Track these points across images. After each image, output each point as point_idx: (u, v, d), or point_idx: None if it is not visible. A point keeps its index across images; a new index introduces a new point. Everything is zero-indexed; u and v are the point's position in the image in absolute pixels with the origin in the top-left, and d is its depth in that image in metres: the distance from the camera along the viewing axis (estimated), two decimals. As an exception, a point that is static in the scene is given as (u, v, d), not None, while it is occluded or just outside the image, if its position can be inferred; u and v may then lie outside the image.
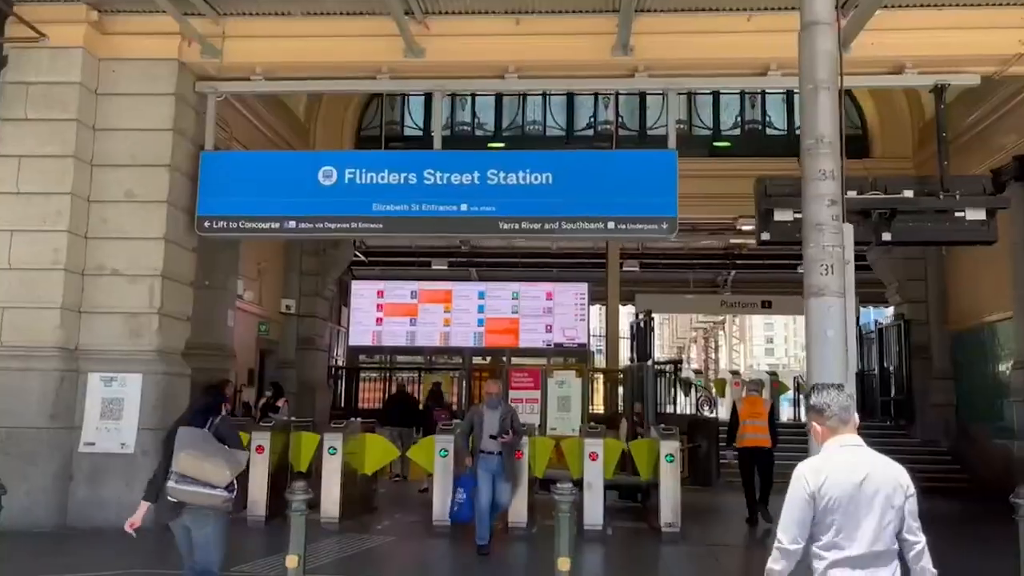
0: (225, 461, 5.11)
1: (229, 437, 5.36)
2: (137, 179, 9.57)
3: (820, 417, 3.15)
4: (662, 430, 9.46)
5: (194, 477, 5.05)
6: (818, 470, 3.03)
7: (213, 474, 5.04)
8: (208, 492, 5.06)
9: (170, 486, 5.13)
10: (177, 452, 5.11)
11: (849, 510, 2.95)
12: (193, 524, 5.15)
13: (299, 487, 5.78)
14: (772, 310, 22.05)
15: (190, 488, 5.06)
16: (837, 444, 3.09)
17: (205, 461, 5.05)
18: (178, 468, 5.09)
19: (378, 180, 9.77)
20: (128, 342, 9.37)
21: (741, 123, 17.29)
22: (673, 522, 8.94)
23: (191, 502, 5.09)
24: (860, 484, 2.96)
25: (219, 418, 5.42)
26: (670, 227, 9.48)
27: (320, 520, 9.31)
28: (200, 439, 5.18)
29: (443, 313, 19.85)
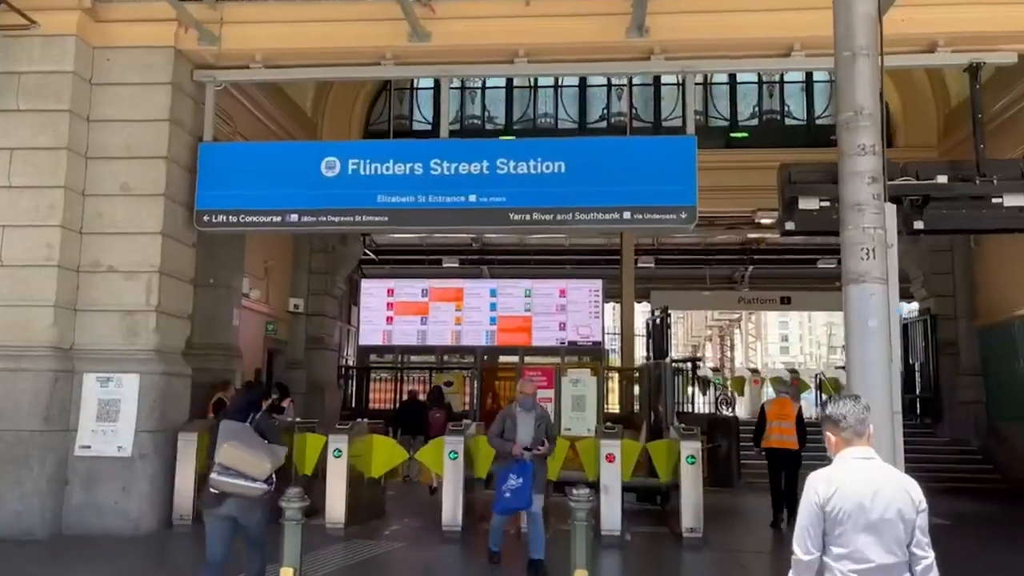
0: (265, 455, 5.37)
1: (269, 432, 5.64)
2: (133, 172, 9.20)
3: (835, 428, 3.15)
4: (682, 430, 9.01)
5: (236, 469, 5.30)
6: (829, 481, 3.04)
7: (253, 467, 5.30)
8: (248, 484, 5.31)
9: (212, 477, 5.38)
10: (219, 444, 5.38)
11: (859, 522, 2.96)
12: (239, 514, 5.40)
13: (294, 494, 5.37)
14: (791, 306, 21.50)
15: (232, 480, 5.30)
16: (850, 456, 3.10)
17: (246, 454, 5.31)
18: (220, 460, 5.35)
19: (383, 171, 9.37)
20: (125, 341, 9.01)
21: (759, 113, 16.80)
22: (695, 527, 8.48)
23: (233, 493, 5.32)
24: (871, 497, 2.97)
25: (259, 413, 5.70)
26: (689, 216, 9.03)
27: (325, 526, 8.93)
28: (241, 433, 5.45)
29: (454, 311, 19.47)
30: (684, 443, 8.66)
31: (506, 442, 7.35)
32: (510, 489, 7.16)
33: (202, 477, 9.11)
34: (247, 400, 5.94)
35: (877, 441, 4.68)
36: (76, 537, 8.48)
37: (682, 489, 8.57)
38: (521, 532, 8.76)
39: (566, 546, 8.49)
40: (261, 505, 5.48)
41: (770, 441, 10.07)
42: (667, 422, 11.48)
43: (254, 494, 5.34)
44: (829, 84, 16.78)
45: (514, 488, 7.13)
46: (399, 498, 11.39)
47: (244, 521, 5.45)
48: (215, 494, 5.38)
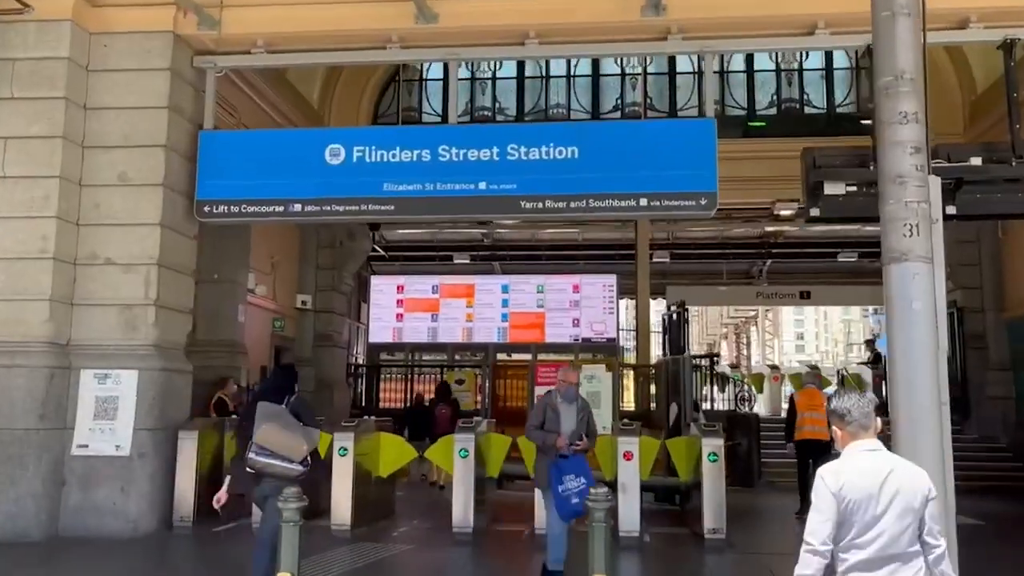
0: (301, 436, 5.46)
1: (304, 414, 5.71)
2: (131, 161, 8.89)
3: (841, 422, 3.19)
4: (703, 426, 8.61)
5: (272, 450, 5.39)
6: (837, 473, 3.07)
7: (290, 448, 5.40)
8: (284, 465, 5.40)
9: (250, 457, 5.44)
10: (257, 425, 5.43)
11: (868, 513, 2.99)
12: (273, 494, 5.32)
13: (292, 494, 5.00)
14: (811, 301, 21.04)
15: (268, 460, 5.39)
16: (857, 448, 3.14)
17: (283, 435, 5.40)
18: (258, 440, 5.42)
19: (389, 158, 9.02)
20: (123, 336, 8.69)
21: (777, 101, 16.35)
22: (718, 527, 8.08)
23: (269, 473, 5.41)
24: (878, 487, 3.00)
25: (295, 396, 5.78)
26: (709, 203, 8.63)
27: (330, 527, 8.58)
28: (278, 414, 5.52)
29: (465, 308, 19.05)
30: (706, 440, 8.26)
31: (548, 434, 6.50)
32: (574, 492, 6.28)
33: (203, 477, 8.84)
34: (283, 382, 5.98)
35: (923, 434, 4.32)
36: (73, 539, 8.17)
37: (704, 488, 8.17)
38: (534, 533, 8.39)
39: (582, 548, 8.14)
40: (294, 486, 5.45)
41: (803, 433, 9.87)
42: (686, 419, 11.07)
43: (290, 475, 5.40)
44: (850, 71, 16.34)
45: (578, 490, 6.25)
46: (409, 498, 11.05)
47: (272, 502, 5.36)
48: (251, 474, 5.47)
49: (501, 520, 9.51)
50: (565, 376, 6.78)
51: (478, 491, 8.61)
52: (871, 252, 20.65)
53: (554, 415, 6.58)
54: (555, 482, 6.33)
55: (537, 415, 6.71)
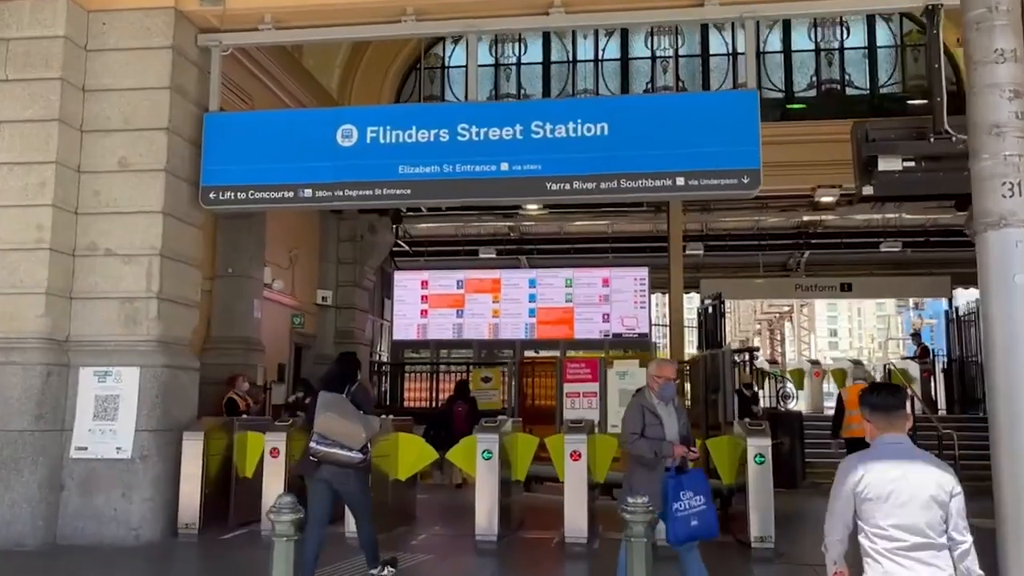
0: (360, 425, 5.70)
1: (364, 403, 5.94)
2: (131, 145, 8.37)
3: (869, 414, 3.26)
4: (748, 425, 7.89)
5: (332, 438, 5.66)
6: (860, 465, 3.15)
7: (349, 436, 5.65)
8: (345, 453, 5.68)
9: (311, 446, 5.76)
10: (319, 414, 5.74)
11: (891, 505, 3.03)
12: (335, 480, 5.78)
13: (285, 504, 4.40)
14: (852, 293, 20.12)
15: (329, 449, 5.67)
16: (882, 441, 3.20)
17: (343, 424, 5.66)
18: (319, 429, 5.73)
19: (405, 139, 8.41)
20: (124, 331, 8.17)
21: (817, 83, 15.53)
22: (765, 535, 7.38)
23: (330, 461, 5.70)
24: (901, 481, 3.05)
25: (355, 385, 5.98)
26: (752, 181, 7.91)
27: (344, 534, 7.98)
28: (338, 403, 5.78)
29: (491, 303, 18.45)
30: (751, 440, 7.54)
31: (661, 443, 5.38)
32: (692, 512, 5.26)
33: (209, 481, 8.29)
34: (342, 371, 6.13)
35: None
36: (71, 547, 7.67)
37: (750, 492, 7.46)
38: (564, 541, 7.75)
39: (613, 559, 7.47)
40: (356, 474, 5.85)
41: (852, 430, 9.45)
42: (727, 417, 10.35)
43: (351, 462, 5.68)
44: (895, 49, 15.48)
45: (697, 510, 5.27)
46: (431, 502, 10.45)
47: (338, 487, 5.83)
48: (313, 461, 5.76)
49: (528, 526, 8.86)
50: (660, 370, 5.65)
51: (503, 495, 7.98)
52: (915, 242, 19.74)
53: (655, 419, 5.49)
54: (671, 500, 5.26)
55: (635, 421, 5.49)
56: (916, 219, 19.12)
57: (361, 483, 5.96)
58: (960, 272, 18.77)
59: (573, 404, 11.77)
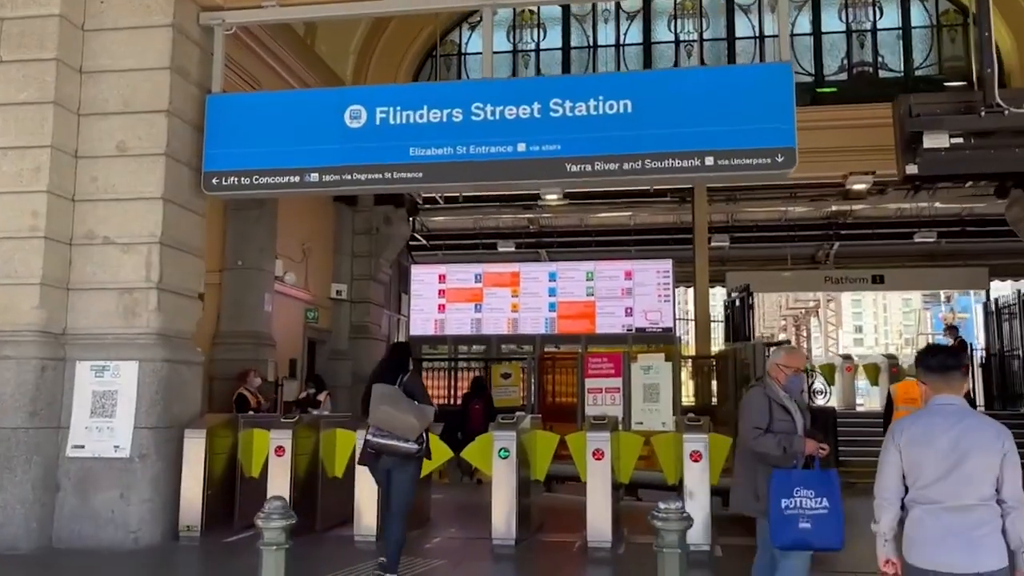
0: (413, 415, 5.74)
1: (417, 392, 5.97)
2: (130, 128, 7.96)
3: (923, 375, 3.20)
4: (784, 421, 7.34)
5: (387, 430, 5.74)
6: (908, 426, 3.11)
7: (403, 427, 5.72)
8: (401, 444, 5.75)
9: (368, 438, 5.86)
10: (373, 406, 5.80)
11: (940, 467, 2.96)
12: (394, 467, 5.87)
13: (275, 508, 3.96)
14: (884, 286, 19.44)
15: (385, 440, 5.75)
16: (934, 402, 3.13)
17: (396, 416, 5.72)
18: (373, 421, 5.82)
19: (416, 119, 7.95)
20: (122, 323, 7.77)
21: (848, 66, 14.91)
22: (803, 540, 6.84)
23: (388, 452, 5.80)
24: (947, 440, 2.98)
25: (408, 375, 6.02)
26: (787, 159, 7.38)
27: (354, 538, 7.58)
28: (392, 395, 5.83)
29: (510, 297, 17.92)
30: (787, 437, 6.99)
31: (792, 437, 4.66)
32: (806, 513, 4.41)
33: (213, 480, 7.89)
34: (396, 362, 6.16)
35: None
36: (67, 551, 7.28)
37: (786, 494, 6.92)
38: (587, 546, 7.26)
39: (643, 562, 6.98)
40: (412, 464, 5.89)
41: None
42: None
43: (406, 452, 5.75)
44: (930, 30, 14.83)
45: (815, 513, 4.42)
46: (448, 502, 10.01)
47: (395, 474, 5.87)
48: (372, 453, 5.86)
49: (548, 529, 8.39)
50: (789, 360, 4.92)
51: (521, 496, 7.51)
52: (950, 232, 19.06)
53: (785, 414, 4.76)
54: (778, 495, 4.46)
55: (760, 414, 4.73)
56: (951, 208, 18.45)
57: (414, 476, 6.01)
58: (999, 263, 18.07)
59: (595, 400, 11.29)
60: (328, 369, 14.93)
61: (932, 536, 2.98)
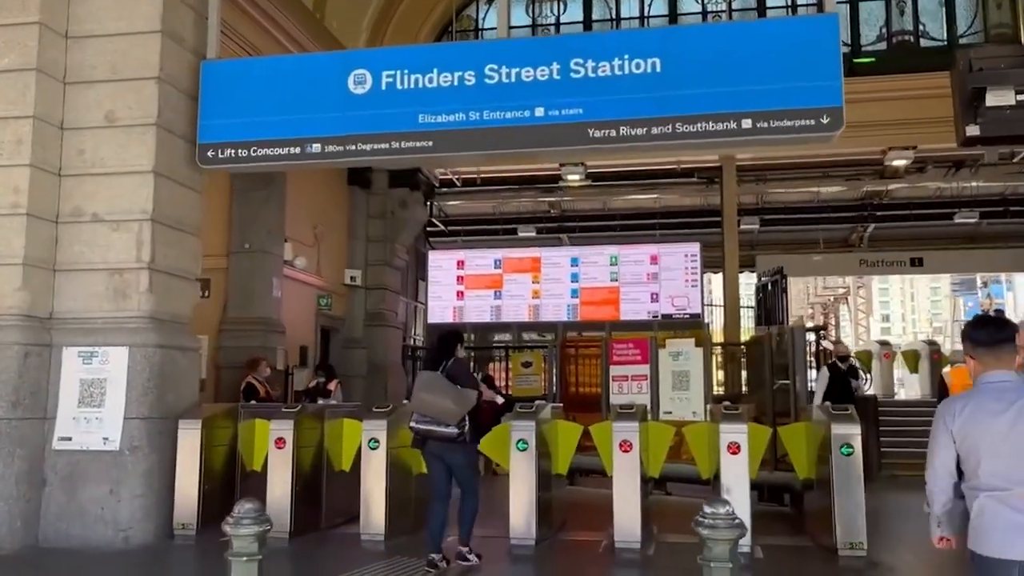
0: (451, 400, 5.73)
1: (459, 376, 5.94)
2: (119, 97, 7.41)
3: (972, 349, 2.96)
4: (831, 410, 6.66)
5: (428, 416, 5.78)
6: (958, 405, 2.90)
7: (441, 412, 5.74)
8: (440, 429, 5.76)
9: (411, 424, 5.95)
10: (414, 392, 5.97)
11: (993, 447, 2.76)
12: (443, 453, 5.93)
13: (246, 512, 3.39)
14: (923, 268, 18.59)
15: (427, 427, 5.80)
16: (985, 379, 2.89)
17: (433, 401, 5.75)
18: (413, 407, 5.97)
19: (425, 83, 7.32)
20: (112, 306, 7.23)
21: (887, 35, 14.13)
22: (856, 541, 6.18)
23: (432, 437, 5.85)
24: (1004, 422, 2.75)
25: (452, 360, 5.98)
26: (833, 121, 6.67)
27: (360, 536, 6.99)
28: (431, 381, 5.87)
29: (531, 284, 17.23)
30: (837, 427, 6.32)
31: None
32: None
33: (211, 475, 7.35)
34: (440, 348, 6.14)
35: None
36: (55, 551, 6.76)
37: (835, 489, 6.25)
38: (614, 545, 6.64)
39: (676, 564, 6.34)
40: (461, 448, 5.88)
41: None
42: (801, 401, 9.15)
43: (449, 437, 5.75)
44: (977, -6, 13.98)
45: None
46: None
47: (448, 460, 5.92)
48: (418, 438, 5.96)
49: (571, 527, 7.77)
50: None
51: (541, 491, 6.89)
52: (992, 212, 18.18)
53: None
54: None
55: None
56: (993, 187, 17.58)
57: (467, 456, 6.02)
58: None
59: (620, 388, 10.65)
60: (343, 358, 14.40)
61: (1000, 524, 2.72)
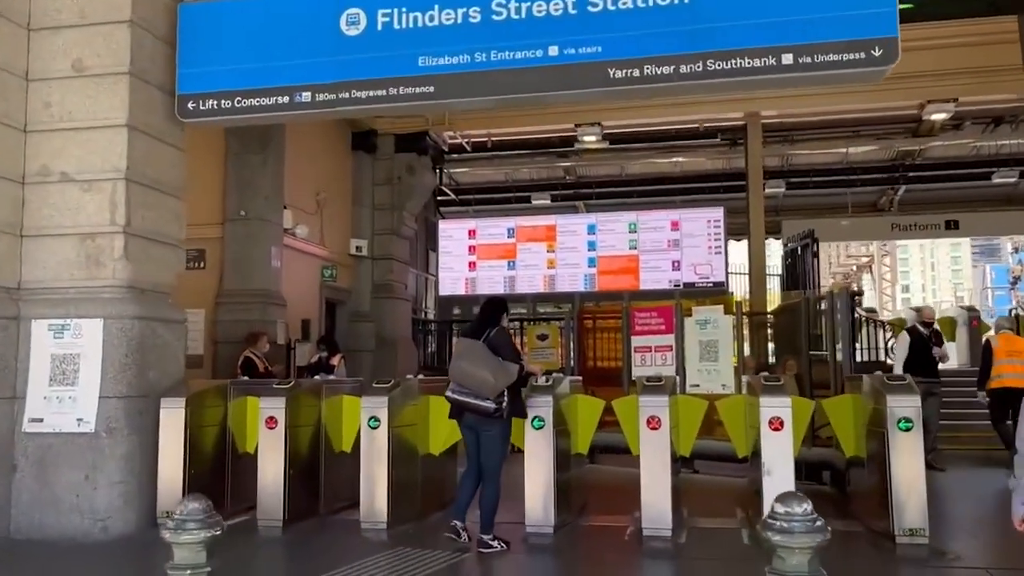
0: (490, 372, 5.45)
1: (502, 347, 5.61)
2: (87, 43, 6.71)
3: None
4: (886, 380, 5.91)
5: (466, 387, 5.54)
6: None
7: (478, 384, 5.48)
8: (478, 403, 5.51)
9: (447, 394, 5.72)
10: (453, 361, 5.78)
11: None
12: (478, 426, 5.67)
13: (191, 513, 2.77)
14: (959, 231, 17.70)
15: (463, 398, 5.57)
16: None
17: (471, 372, 5.50)
18: (451, 376, 5.69)
19: (426, 22, 6.58)
20: (83, 274, 6.58)
21: (926, -22, 13.11)
22: (916, 527, 5.47)
23: (468, 409, 5.61)
24: None
25: (495, 329, 5.69)
26: (887, 53, 5.89)
27: (360, 524, 6.35)
28: (471, 349, 5.61)
29: (546, 253, 16.54)
30: (894, 399, 5.58)
31: None
32: None
33: (199, 457, 6.72)
34: (485, 316, 5.83)
35: None
36: (27, 543, 6.18)
37: (893, 469, 5.53)
38: (641, 532, 5.96)
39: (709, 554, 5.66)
40: (498, 423, 5.59)
41: (1002, 380, 8.94)
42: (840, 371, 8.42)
43: (484, 412, 5.50)
44: (1023, -68, 12.95)
45: None
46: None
47: (481, 434, 5.66)
48: (455, 409, 5.72)
49: (592, 511, 7.10)
50: None
51: (559, 472, 6.21)
52: (1034, 171, 17.23)
53: None
54: None
55: None
56: (1030, 146, 16.62)
57: (501, 435, 5.68)
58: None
59: (643, 360, 9.93)
60: (350, 332, 13.77)
61: None
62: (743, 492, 7.44)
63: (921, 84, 12.49)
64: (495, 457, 5.72)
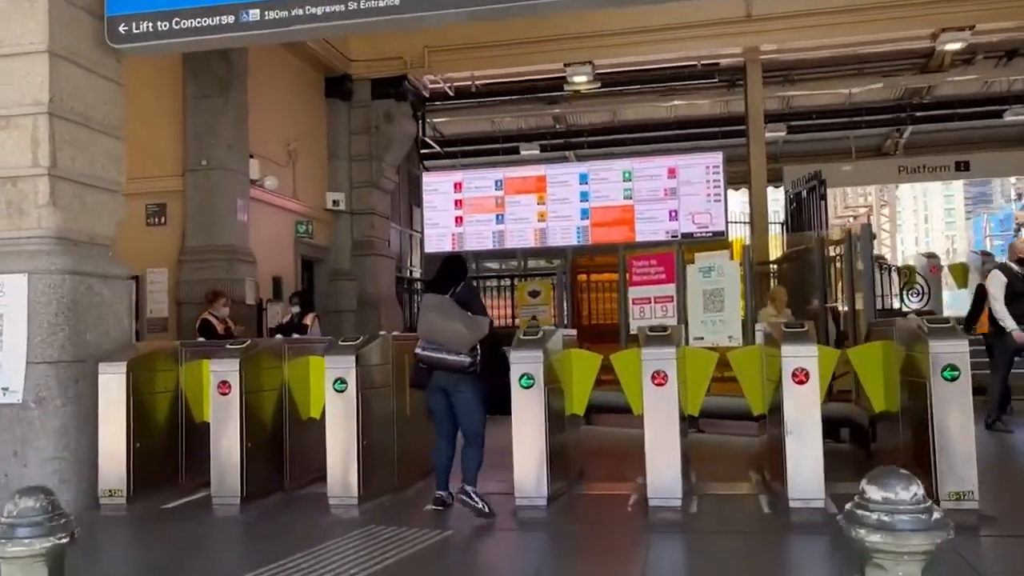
0: (464, 326, 5.22)
1: (470, 302, 5.44)
2: (-2, -44, 5.83)
3: None
4: (927, 323, 5.14)
5: (438, 342, 5.24)
6: None
7: (452, 338, 5.21)
8: (451, 357, 5.22)
9: (417, 352, 5.36)
10: (421, 316, 5.46)
11: None
12: (448, 386, 5.32)
13: (26, 511, 1.95)
14: (970, 172, 16.90)
15: (435, 354, 5.25)
16: None
17: (444, 325, 5.23)
18: (420, 333, 5.39)
19: (389, -77, 5.69)
20: (4, 224, 5.78)
21: None
22: (964, 491, 4.76)
23: (440, 366, 5.26)
24: None
25: (461, 285, 5.48)
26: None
27: (328, 499, 5.61)
28: (441, 304, 5.34)
29: (536, 205, 15.65)
30: (937, 344, 4.81)
31: None
32: None
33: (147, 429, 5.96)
34: (448, 271, 5.55)
35: None
36: (-50, 529, 5.41)
37: (936, 425, 4.80)
38: (647, 503, 5.23)
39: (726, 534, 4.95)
40: (469, 380, 5.27)
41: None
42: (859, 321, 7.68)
43: (457, 366, 5.22)
44: None
45: None
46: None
47: (453, 396, 5.32)
48: (424, 368, 5.36)
49: (590, 476, 6.40)
50: None
51: (553, 436, 5.48)
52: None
53: None
54: None
55: None
56: (1047, 81, 15.79)
57: (475, 393, 5.31)
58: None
59: (642, 313, 9.23)
60: (330, 292, 13.01)
61: None
62: (756, 452, 6.74)
63: (936, 11, 11.64)
64: (475, 417, 5.32)
